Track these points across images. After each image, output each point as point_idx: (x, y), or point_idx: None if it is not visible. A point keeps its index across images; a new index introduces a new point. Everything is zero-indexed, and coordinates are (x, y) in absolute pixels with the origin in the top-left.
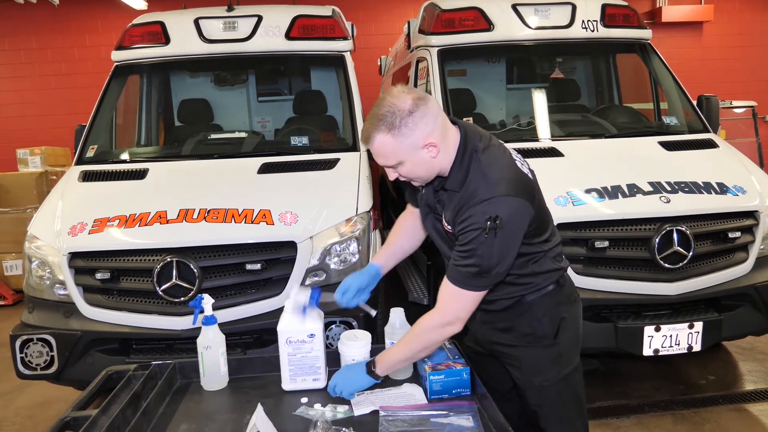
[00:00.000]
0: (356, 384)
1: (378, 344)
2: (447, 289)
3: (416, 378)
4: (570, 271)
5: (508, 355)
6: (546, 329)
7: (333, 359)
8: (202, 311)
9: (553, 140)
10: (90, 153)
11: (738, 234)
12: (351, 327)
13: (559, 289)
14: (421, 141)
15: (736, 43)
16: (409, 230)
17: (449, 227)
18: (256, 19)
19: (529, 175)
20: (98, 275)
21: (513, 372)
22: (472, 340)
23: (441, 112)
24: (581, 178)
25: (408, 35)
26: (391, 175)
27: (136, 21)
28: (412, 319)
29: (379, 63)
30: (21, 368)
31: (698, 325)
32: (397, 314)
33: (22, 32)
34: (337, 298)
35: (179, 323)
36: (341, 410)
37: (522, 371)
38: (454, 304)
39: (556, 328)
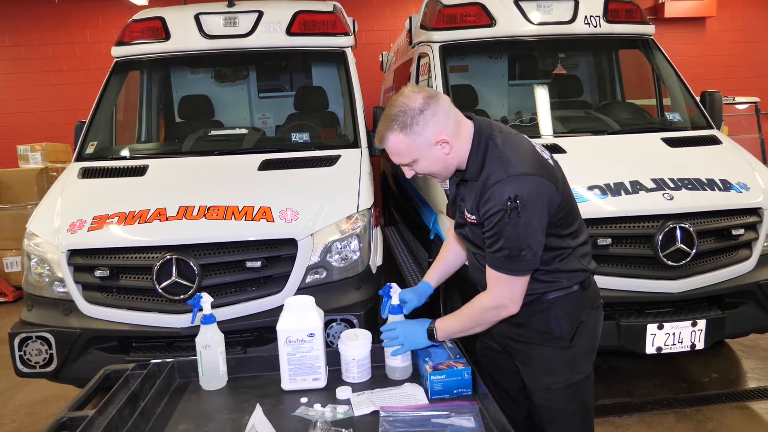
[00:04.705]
0: (418, 344)
1: (377, 343)
2: (490, 274)
3: (417, 378)
4: None
5: (521, 352)
6: (563, 330)
7: (333, 359)
8: (201, 310)
9: (555, 136)
10: (90, 149)
11: (741, 231)
12: (352, 325)
13: (583, 292)
14: (434, 138)
15: (739, 38)
16: (455, 243)
17: (473, 217)
18: (256, 14)
19: (550, 161)
20: (97, 273)
21: (523, 370)
22: (487, 335)
23: (453, 108)
24: (584, 175)
25: (410, 31)
26: (408, 173)
27: (136, 17)
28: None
29: (380, 59)
30: (20, 366)
31: (701, 323)
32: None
33: (23, 28)
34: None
35: (179, 321)
36: (341, 410)
37: (532, 370)
38: (500, 289)
39: (573, 331)
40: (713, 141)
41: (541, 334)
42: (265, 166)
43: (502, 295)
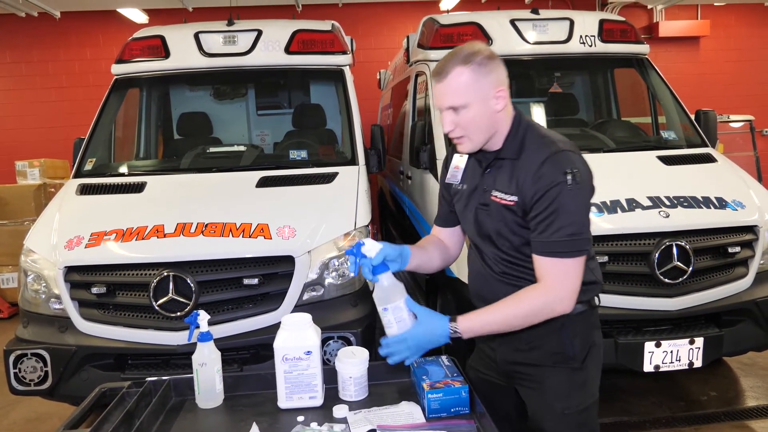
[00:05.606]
0: (435, 344)
1: (374, 362)
2: (543, 265)
3: (414, 396)
4: None
5: (530, 377)
6: (576, 351)
7: (330, 377)
8: (197, 327)
9: None
10: (88, 166)
11: (738, 249)
12: (349, 342)
13: (591, 311)
14: (495, 87)
15: (733, 57)
16: (437, 244)
17: (511, 198)
18: (255, 33)
19: None
20: (94, 289)
21: (532, 396)
22: (481, 364)
23: None
24: None
25: (407, 50)
26: (448, 125)
27: (136, 35)
28: None
29: (378, 77)
30: (14, 384)
31: (699, 341)
32: (385, 276)
33: (24, 45)
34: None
35: (175, 338)
36: (338, 429)
37: (544, 394)
38: (560, 278)
39: (585, 351)
40: (708, 159)
41: (554, 356)
42: (263, 183)
43: (562, 286)
